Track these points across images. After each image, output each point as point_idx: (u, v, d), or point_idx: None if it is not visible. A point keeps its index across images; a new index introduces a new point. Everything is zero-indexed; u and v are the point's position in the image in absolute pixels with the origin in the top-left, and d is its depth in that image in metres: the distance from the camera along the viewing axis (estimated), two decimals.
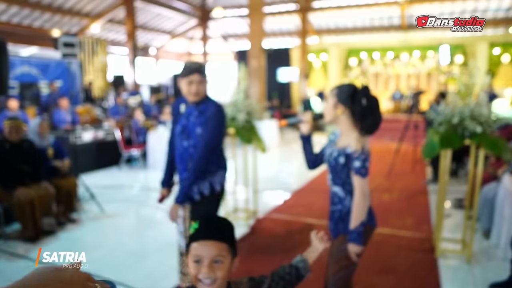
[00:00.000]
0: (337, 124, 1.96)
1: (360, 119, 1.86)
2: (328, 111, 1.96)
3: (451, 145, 3.15)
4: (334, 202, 2.01)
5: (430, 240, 3.86)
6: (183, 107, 2.37)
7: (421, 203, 5.13)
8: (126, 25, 13.16)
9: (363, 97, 1.85)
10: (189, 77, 2.26)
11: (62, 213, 4.40)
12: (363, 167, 1.83)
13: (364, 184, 1.84)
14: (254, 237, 4.01)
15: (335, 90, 1.95)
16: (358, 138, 1.86)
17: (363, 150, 1.84)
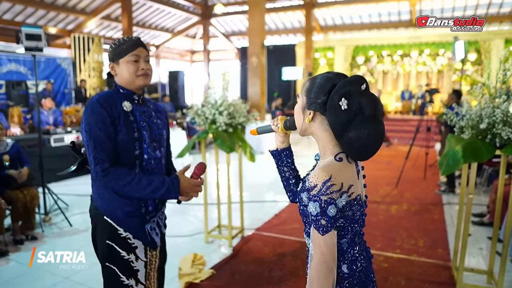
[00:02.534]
0: (314, 137, 1.24)
1: (337, 133, 1.12)
2: (296, 118, 1.25)
3: (477, 157, 2.50)
4: (307, 259, 1.27)
5: (449, 268, 3.20)
6: (127, 104, 1.65)
7: (435, 219, 4.46)
8: (122, 21, 12.63)
9: (342, 94, 1.09)
10: (133, 52, 1.64)
11: (20, 229, 3.82)
12: (321, 216, 1.07)
13: (324, 246, 1.08)
14: (236, 261, 3.38)
15: (308, 83, 1.21)
16: (326, 165, 1.13)
17: (328, 184, 1.07)
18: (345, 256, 1.19)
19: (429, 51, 14.01)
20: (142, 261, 1.68)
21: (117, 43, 1.66)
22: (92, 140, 1.56)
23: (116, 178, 1.56)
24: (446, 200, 5.20)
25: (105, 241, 1.64)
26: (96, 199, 1.67)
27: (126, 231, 1.65)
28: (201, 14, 16.64)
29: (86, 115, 1.59)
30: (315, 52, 15.86)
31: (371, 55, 15.10)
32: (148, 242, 1.70)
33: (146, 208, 1.70)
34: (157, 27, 16.70)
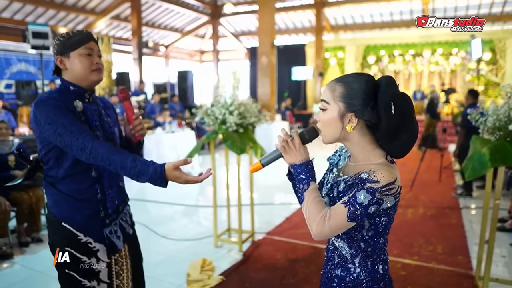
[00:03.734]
0: (345, 143, 1.20)
1: (387, 139, 1.12)
2: (329, 125, 1.16)
3: (506, 160, 2.33)
4: (330, 262, 1.28)
5: (471, 277, 3.03)
6: (79, 103, 1.56)
7: (453, 224, 4.28)
8: (132, 21, 12.62)
9: (392, 99, 1.09)
10: (86, 45, 1.54)
11: (25, 231, 3.75)
12: (362, 208, 1.06)
13: (336, 225, 1.09)
14: (246, 267, 3.25)
15: (340, 88, 1.13)
16: (388, 166, 1.12)
17: (390, 186, 1.06)
18: (381, 257, 1.21)
19: (442, 51, 13.75)
20: (104, 262, 1.62)
21: (66, 36, 1.55)
22: (61, 123, 1.44)
23: (106, 150, 1.42)
24: (463, 204, 5.01)
25: (64, 248, 1.56)
26: (52, 206, 1.60)
27: (86, 236, 1.58)
28: (210, 14, 16.57)
29: (40, 111, 1.48)
30: (325, 52, 15.68)
31: (383, 54, 14.90)
32: (107, 245, 1.63)
33: (106, 211, 1.63)
34: (166, 27, 16.68)
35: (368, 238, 1.17)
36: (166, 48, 17.90)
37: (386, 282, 1.21)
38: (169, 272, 3.17)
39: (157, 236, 3.94)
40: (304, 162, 1.18)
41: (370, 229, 1.15)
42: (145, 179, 1.39)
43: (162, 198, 5.34)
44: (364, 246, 1.18)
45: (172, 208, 4.99)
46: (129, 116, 1.68)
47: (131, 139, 1.76)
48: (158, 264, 3.30)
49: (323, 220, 1.10)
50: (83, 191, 1.59)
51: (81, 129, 1.46)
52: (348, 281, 1.21)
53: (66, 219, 1.57)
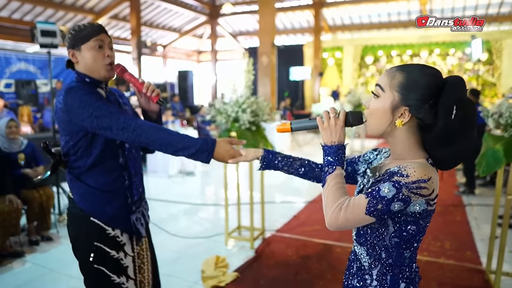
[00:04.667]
0: (388, 139, 1.09)
1: (437, 144, 1.01)
2: (378, 114, 1.06)
3: None
4: (350, 271, 1.18)
5: (481, 272, 3.08)
6: (101, 91, 1.58)
7: (458, 221, 4.34)
8: (131, 21, 12.59)
9: (456, 103, 0.97)
10: (97, 37, 1.53)
11: (35, 230, 3.75)
12: (384, 202, 0.95)
13: (353, 217, 0.99)
14: (260, 264, 3.28)
15: (401, 76, 1.02)
16: (425, 165, 1.01)
17: (422, 184, 0.94)
18: (404, 273, 1.06)
19: (439, 51, 13.89)
20: (130, 256, 1.64)
21: (77, 29, 1.54)
22: (97, 108, 1.44)
23: (150, 126, 1.43)
24: (467, 201, 5.08)
25: (92, 243, 1.57)
26: (79, 201, 1.57)
27: (114, 229, 1.59)
28: (208, 14, 16.57)
29: (72, 97, 1.47)
30: (323, 52, 15.75)
31: (380, 55, 15.01)
32: (133, 232, 1.64)
33: (132, 198, 1.65)
34: (165, 27, 16.65)
35: (390, 246, 1.04)
36: (164, 48, 17.87)
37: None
38: (182, 269, 3.19)
39: (167, 234, 3.95)
40: (336, 145, 1.09)
41: (395, 236, 1.02)
42: (193, 150, 1.40)
43: (165, 197, 5.36)
44: (385, 256, 1.06)
45: (176, 207, 4.99)
46: (137, 85, 1.62)
47: (150, 110, 1.70)
48: (171, 261, 3.31)
49: (339, 208, 0.99)
50: (112, 182, 1.59)
51: (119, 110, 1.48)
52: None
53: (95, 213, 1.57)
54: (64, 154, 1.62)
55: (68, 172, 1.63)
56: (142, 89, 1.60)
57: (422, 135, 1.04)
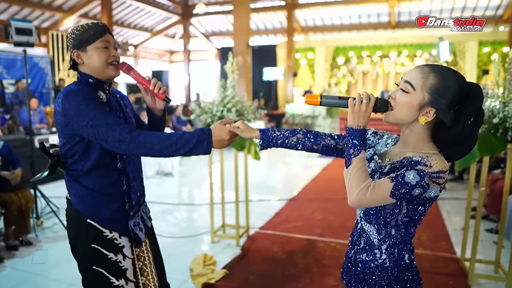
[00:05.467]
0: (404, 129, 1.20)
1: (450, 143, 1.14)
2: (404, 108, 1.14)
3: (492, 150, 2.57)
4: (356, 247, 1.28)
5: (456, 260, 3.27)
6: (102, 94, 1.56)
7: (432, 214, 4.56)
8: (102, 20, 12.30)
9: (475, 110, 1.11)
10: (103, 38, 1.51)
11: (13, 234, 3.63)
12: (409, 188, 1.06)
13: (378, 197, 1.09)
14: (247, 261, 3.34)
15: (434, 80, 1.11)
16: (442, 157, 1.12)
17: (441, 174, 1.07)
18: (408, 246, 1.21)
19: (407, 52, 14.40)
20: (130, 259, 1.62)
21: (81, 29, 1.52)
22: (94, 115, 1.42)
23: (143, 139, 1.40)
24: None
25: (89, 245, 1.55)
26: (76, 202, 1.56)
27: (112, 232, 1.57)
28: (181, 14, 16.43)
29: (70, 102, 1.45)
30: (296, 53, 15.97)
31: (351, 56, 15.38)
32: (131, 238, 1.63)
33: (130, 203, 1.63)
34: (136, 26, 16.38)
35: (401, 224, 1.17)
36: (135, 47, 17.58)
37: (412, 272, 1.21)
38: (171, 268, 3.15)
39: None
40: (361, 129, 1.15)
41: (406, 216, 1.15)
42: (193, 142, 1.39)
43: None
44: (395, 233, 1.18)
45: (156, 207, 4.95)
46: (144, 82, 1.59)
47: (155, 108, 1.69)
48: None
49: (366, 189, 1.09)
50: (110, 185, 1.57)
51: (116, 121, 1.44)
52: (372, 266, 1.21)
53: (92, 215, 1.56)
54: (62, 155, 1.60)
55: (66, 173, 1.61)
56: (149, 87, 1.58)
57: (436, 132, 1.16)
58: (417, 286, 1.21)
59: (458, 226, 4.14)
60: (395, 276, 1.18)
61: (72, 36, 1.54)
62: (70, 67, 1.59)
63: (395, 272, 1.18)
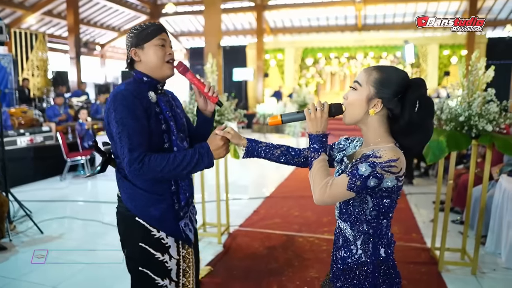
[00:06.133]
0: (362, 127, 1.28)
1: (403, 133, 1.21)
2: (355, 105, 1.24)
3: (459, 146, 2.78)
4: (335, 244, 1.37)
5: (427, 250, 3.50)
6: (152, 94, 1.56)
7: (402, 208, 4.81)
8: (68, 18, 11.95)
9: (419, 99, 1.18)
10: (160, 36, 1.55)
11: None
12: (362, 179, 1.13)
13: (337, 193, 1.17)
14: (230, 257, 3.41)
15: (377, 74, 1.22)
16: (394, 148, 1.20)
17: (392, 163, 1.13)
18: (382, 240, 1.26)
19: (373, 54, 14.91)
20: (175, 259, 1.61)
21: (139, 28, 1.56)
22: (126, 130, 1.44)
23: (152, 166, 1.44)
24: (407, 191, 5.62)
25: (137, 243, 1.56)
26: (126, 200, 1.58)
27: (159, 231, 1.57)
28: (149, 13, 16.21)
29: (116, 105, 1.46)
30: (265, 54, 16.16)
31: (320, 57, 15.74)
32: (183, 239, 1.63)
33: (179, 204, 1.62)
34: (103, 25, 16.00)
35: (371, 219, 1.22)
36: (102, 47, 17.16)
37: (388, 266, 1.25)
38: None
39: None
40: (320, 134, 1.26)
41: (374, 210, 1.21)
42: (196, 157, 1.47)
43: None
44: (367, 227, 1.23)
45: None
46: (198, 85, 1.60)
47: (206, 110, 1.70)
48: None
49: (325, 186, 1.17)
50: (159, 185, 1.57)
51: (140, 143, 1.45)
52: (350, 262, 1.27)
53: (141, 214, 1.56)
54: (113, 153, 1.61)
55: (117, 171, 1.62)
56: (204, 90, 1.61)
57: (390, 125, 1.24)
58: (393, 279, 1.25)
59: (426, 219, 4.40)
60: (371, 270, 1.23)
61: (129, 35, 1.57)
62: (127, 67, 1.61)
63: (370, 266, 1.23)
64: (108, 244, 3.77)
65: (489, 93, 2.81)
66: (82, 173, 6.97)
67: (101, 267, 3.21)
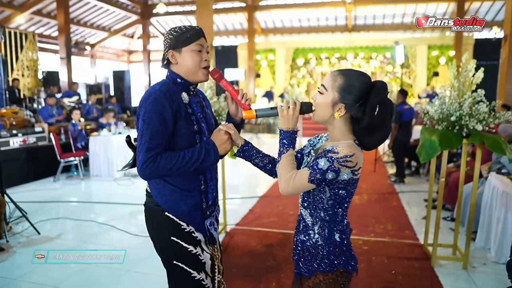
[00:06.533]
0: (329, 126, 1.40)
1: (363, 134, 1.33)
2: (322, 107, 1.35)
3: (451, 145, 2.88)
4: (298, 229, 1.49)
5: (420, 246, 3.60)
6: (185, 95, 1.60)
7: (394, 206, 4.93)
8: (58, 18, 11.85)
9: (379, 103, 1.29)
10: (198, 42, 1.56)
11: None
12: (322, 172, 1.24)
13: (299, 185, 1.29)
14: (228, 255, 3.47)
15: (341, 80, 1.31)
16: (352, 144, 1.32)
17: (347, 158, 1.24)
18: (338, 226, 1.38)
19: (363, 55, 15.09)
20: (208, 253, 1.64)
21: (179, 30, 1.56)
22: (150, 130, 1.47)
23: (163, 163, 1.47)
24: (399, 189, 5.74)
25: (169, 237, 1.58)
26: (156, 195, 1.61)
27: (189, 225, 1.60)
28: (140, 13, 16.15)
29: (146, 104, 1.50)
30: (257, 54, 16.23)
31: (310, 57, 15.87)
32: (208, 237, 1.66)
33: (207, 203, 1.65)
34: (93, 25, 15.89)
35: (328, 207, 1.35)
36: (92, 47, 17.04)
37: (343, 249, 1.37)
38: (154, 266, 3.25)
39: (129, 235, 3.96)
40: (291, 130, 1.37)
41: (330, 199, 1.33)
42: (203, 153, 1.50)
43: (117, 199, 5.29)
44: (324, 215, 1.36)
45: (129, 208, 4.96)
46: (232, 92, 1.62)
47: (237, 116, 1.71)
48: (141, 260, 3.36)
49: (289, 179, 1.29)
50: (189, 182, 1.60)
51: (159, 143, 1.48)
52: (308, 245, 1.39)
53: (170, 208, 1.58)
54: None
55: None
56: (238, 97, 1.62)
57: (353, 125, 1.36)
58: (348, 261, 1.37)
59: (418, 216, 4.51)
60: (325, 252, 1.35)
61: (169, 37, 1.57)
62: (162, 65, 1.63)
63: (325, 249, 1.36)
64: (105, 244, 3.80)
65: (479, 94, 2.92)
66: (75, 173, 6.96)
67: (99, 267, 3.25)
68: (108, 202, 5.23)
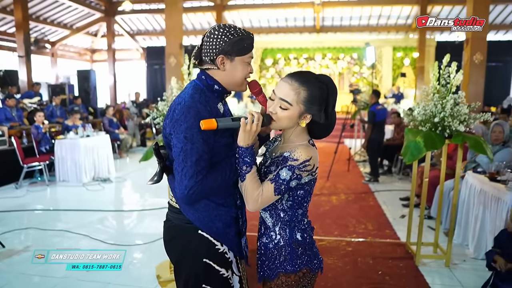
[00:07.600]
0: (285, 129, 1.42)
1: (322, 131, 1.44)
2: (287, 120, 1.33)
3: (435, 146, 2.92)
4: (259, 233, 1.49)
5: (402, 245, 3.65)
6: (221, 106, 1.46)
7: (372, 205, 4.99)
8: (15, 13, 11.16)
9: (331, 105, 1.37)
10: (250, 54, 1.43)
11: None
12: (285, 183, 1.29)
13: (266, 198, 1.31)
14: None
15: (304, 93, 1.31)
16: (307, 146, 1.35)
17: (306, 163, 1.29)
18: (299, 226, 1.41)
19: (331, 55, 15.32)
20: (237, 276, 1.51)
21: (236, 35, 1.38)
22: (195, 150, 1.31)
23: (208, 186, 1.34)
24: (374, 189, 5.83)
25: (201, 259, 1.42)
26: (187, 211, 1.42)
27: (223, 245, 1.46)
28: (104, 11, 15.55)
29: (188, 118, 1.32)
30: None
31: (279, 57, 15.92)
32: (243, 256, 1.55)
33: (242, 219, 1.52)
34: (54, 22, 15.12)
35: (287, 208, 1.38)
36: (52, 45, 16.24)
37: (305, 248, 1.39)
38: (134, 277, 3.10)
39: (104, 244, 3.75)
40: (250, 147, 1.32)
41: (289, 200, 1.37)
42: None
43: (87, 206, 5.04)
44: (283, 215, 1.38)
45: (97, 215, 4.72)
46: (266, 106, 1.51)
47: (267, 129, 1.52)
48: (120, 272, 3.17)
49: (257, 197, 1.31)
50: (225, 196, 1.46)
51: (205, 166, 1.34)
52: (270, 247, 1.40)
53: (205, 226, 1.43)
54: (169, 160, 1.47)
55: (174, 178, 1.43)
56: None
57: (310, 126, 1.40)
58: (311, 259, 1.40)
59: (396, 215, 4.59)
60: (288, 251, 1.37)
61: (223, 39, 1.38)
62: (196, 64, 1.45)
63: (288, 249, 1.38)
64: None
65: (460, 96, 2.98)
66: (39, 179, 6.57)
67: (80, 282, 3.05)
68: (77, 209, 4.95)
